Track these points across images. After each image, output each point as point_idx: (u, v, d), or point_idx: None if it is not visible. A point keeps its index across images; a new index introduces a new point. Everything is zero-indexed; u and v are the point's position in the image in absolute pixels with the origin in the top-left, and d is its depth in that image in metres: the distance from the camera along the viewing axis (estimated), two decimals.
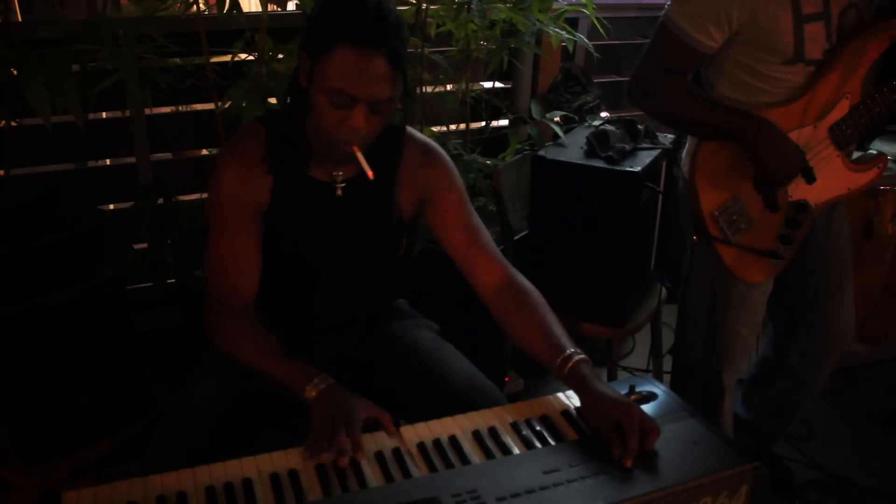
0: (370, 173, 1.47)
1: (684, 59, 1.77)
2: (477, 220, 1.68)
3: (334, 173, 1.59)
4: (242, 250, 1.57)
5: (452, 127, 2.81)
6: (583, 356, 1.46)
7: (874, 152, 1.98)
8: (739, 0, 1.68)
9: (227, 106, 2.14)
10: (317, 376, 1.43)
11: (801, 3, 1.71)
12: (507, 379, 2.55)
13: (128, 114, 2.51)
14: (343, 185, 1.60)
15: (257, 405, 1.60)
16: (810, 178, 1.84)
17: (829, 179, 1.89)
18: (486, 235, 1.67)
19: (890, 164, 2.91)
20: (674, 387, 2.31)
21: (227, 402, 1.54)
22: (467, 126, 2.78)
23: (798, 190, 1.89)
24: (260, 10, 2.25)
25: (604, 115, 3.17)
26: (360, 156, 1.46)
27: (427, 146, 1.68)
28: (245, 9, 2.28)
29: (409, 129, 1.69)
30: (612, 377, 2.39)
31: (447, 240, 1.67)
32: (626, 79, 4.04)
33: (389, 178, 1.63)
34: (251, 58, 2.33)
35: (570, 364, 1.44)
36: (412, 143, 1.66)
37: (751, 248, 1.87)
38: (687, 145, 1.97)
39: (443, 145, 2.46)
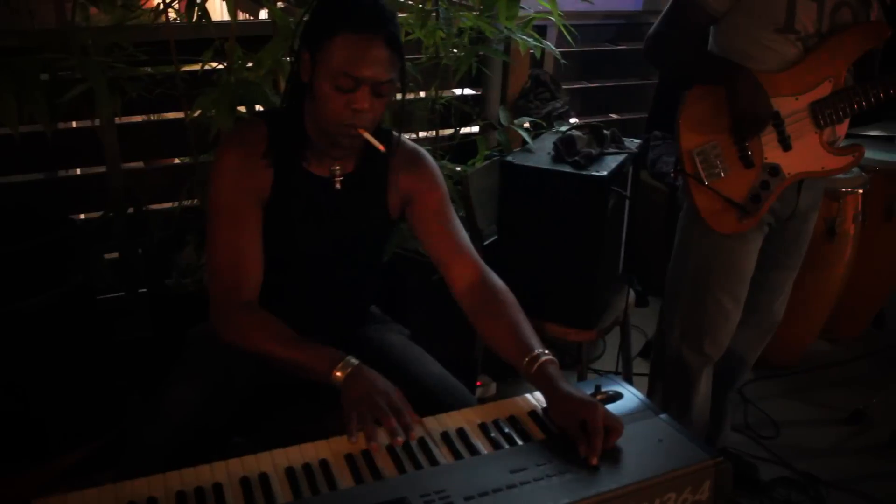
0: (381, 147, 1.55)
1: (695, 18, 1.98)
2: (456, 221, 1.74)
3: (332, 168, 1.64)
4: (247, 240, 1.59)
5: (423, 134, 2.83)
6: (550, 357, 1.49)
7: (855, 142, 2.09)
8: None
9: (196, 115, 2.14)
10: (341, 359, 1.46)
11: None
12: (478, 383, 2.57)
13: (98, 123, 2.51)
14: (342, 178, 1.65)
15: (229, 412, 1.61)
16: (786, 146, 2.01)
17: (805, 153, 2.03)
18: (464, 236, 1.73)
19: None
20: (654, 367, 2.38)
21: (199, 409, 1.55)
22: (437, 133, 2.81)
23: (773, 153, 2.02)
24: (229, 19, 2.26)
25: (573, 121, 3.21)
26: (367, 135, 1.54)
27: (414, 149, 1.75)
28: (216, 17, 2.29)
29: (396, 134, 1.74)
30: (581, 379, 2.42)
31: (426, 237, 1.72)
32: (594, 85, 4.11)
33: (381, 175, 1.69)
34: (222, 66, 2.34)
35: (537, 364, 1.47)
36: (400, 146, 1.72)
37: (720, 194, 2.01)
38: None
39: None
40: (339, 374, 1.44)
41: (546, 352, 1.50)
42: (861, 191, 2.89)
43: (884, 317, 3.48)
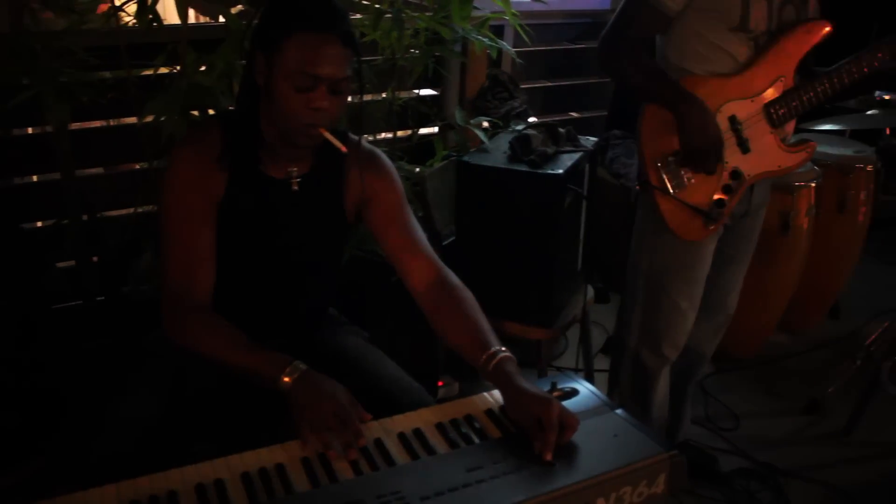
0: (343, 147, 1.55)
1: (648, 21, 1.94)
2: (414, 222, 1.75)
3: (289, 169, 1.64)
4: (200, 243, 1.59)
5: (381, 135, 2.83)
6: (507, 354, 1.50)
7: (805, 137, 2.12)
8: None
9: (149, 119, 2.12)
10: (289, 364, 1.45)
11: None
12: (440, 383, 2.58)
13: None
14: (298, 180, 1.65)
15: (188, 418, 1.60)
16: (745, 149, 2.02)
17: (762, 154, 2.04)
18: (422, 236, 1.75)
19: None
20: (613, 367, 2.39)
21: (157, 417, 1.54)
22: (395, 134, 2.81)
23: (734, 157, 2.02)
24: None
25: (531, 120, 3.23)
26: (328, 135, 1.54)
27: (370, 150, 1.75)
28: (173, 20, 2.27)
29: (352, 135, 1.75)
30: (542, 377, 2.43)
31: (384, 238, 1.73)
32: (554, 84, 4.14)
33: (338, 176, 1.70)
34: (175, 70, 2.31)
35: (494, 361, 1.49)
36: (356, 147, 1.71)
37: (687, 204, 2.01)
38: None
39: None
40: (286, 379, 1.44)
41: (503, 349, 1.51)
42: (814, 184, 2.94)
43: (839, 307, 3.55)
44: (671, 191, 2.00)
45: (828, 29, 1.98)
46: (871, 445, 2.72)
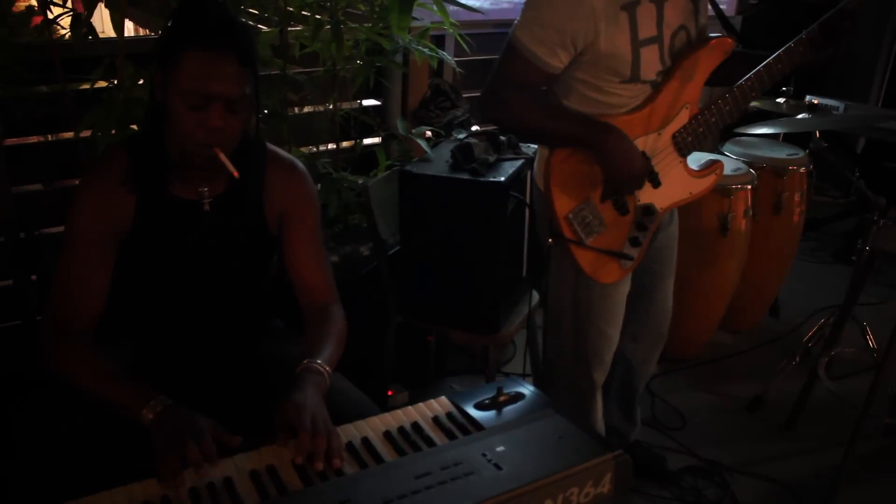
0: (235, 172, 1.50)
1: (533, 77, 1.82)
2: (321, 244, 1.76)
3: (200, 189, 1.60)
4: (89, 273, 1.54)
5: (323, 147, 2.82)
6: (317, 366, 1.52)
7: (713, 158, 2.10)
8: (584, 25, 1.75)
9: (84, 135, 2.09)
10: (153, 398, 1.41)
11: (639, 29, 1.81)
12: (390, 392, 2.58)
13: None
14: (210, 200, 1.62)
15: (129, 438, 1.57)
16: (656, 183, 1.96)
17: (673, 184, 2.00)
18: (328, 262, 1.77)
19: (740, 164, 3.12)
20: (544, 382, 2.38)
21: (92, 439, 1.52)
22: (338, 145, 2.81)
23: (645, 194, 1.97)
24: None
25: (474, 128, 3.26)
26: (222, 156, 1.49)
27: (291, 163, 1.73)
28: (111, 33, 2.23)
29: (271, 145, 1.73)
30: (490, 382, 2.43)
31: (293, 256, 1.72)
32: None
33: (256, 191, 1.66)
34: (112, 84, 2.28)
35: (301, 368, 1.51)
36: (275, 159, 1.70)
37: (603, 250, 1.95)
38: (538, 154, 2.04)
39: (312, 165, 2.48)
40: (149, 414, 1.40)
41: (318, 363, 1.53)
42: (750, 187, 3.02)
43: (778, 306, 3.64)
44: (586, 241, 1.93)
45: (731, 46, 1.91)
46: (811, 439, 2.80)
